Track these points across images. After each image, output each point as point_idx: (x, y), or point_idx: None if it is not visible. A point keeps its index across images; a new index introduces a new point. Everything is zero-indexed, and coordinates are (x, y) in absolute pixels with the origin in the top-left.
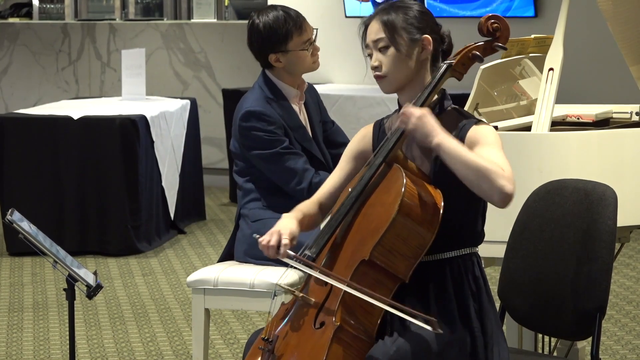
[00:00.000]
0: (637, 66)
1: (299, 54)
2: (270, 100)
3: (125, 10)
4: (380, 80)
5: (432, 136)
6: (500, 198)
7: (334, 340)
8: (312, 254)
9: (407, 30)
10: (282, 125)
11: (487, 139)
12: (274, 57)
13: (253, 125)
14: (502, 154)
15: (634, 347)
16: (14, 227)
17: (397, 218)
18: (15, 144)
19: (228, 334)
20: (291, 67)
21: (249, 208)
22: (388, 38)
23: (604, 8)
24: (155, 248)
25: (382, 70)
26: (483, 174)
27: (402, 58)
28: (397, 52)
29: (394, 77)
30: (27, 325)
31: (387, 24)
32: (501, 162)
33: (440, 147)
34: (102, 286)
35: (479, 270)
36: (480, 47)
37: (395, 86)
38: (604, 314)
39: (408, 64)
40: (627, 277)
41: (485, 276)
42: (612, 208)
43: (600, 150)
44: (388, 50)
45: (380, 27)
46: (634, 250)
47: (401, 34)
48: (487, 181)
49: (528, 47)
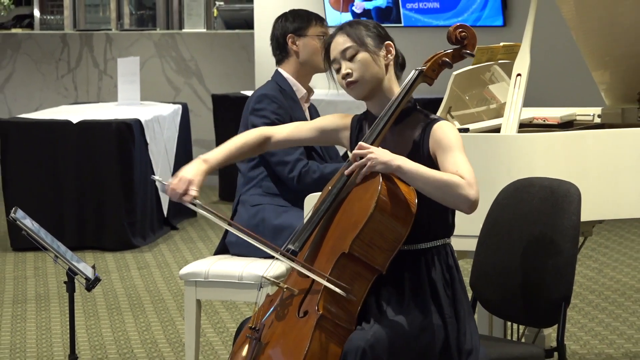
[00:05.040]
0: (599, 72)
1: (314, 43)
2: (283, 92)
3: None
4: (353, 87)
5: (391, 164)
6: (467, 206)
7: (317, 328)
8: (295, 247)
9: (371, 37)
10: (289, 114)
11: (449, 143)
12: (292, 38)
13: (265, 107)
14: (464, 156)
15: (597, 334)
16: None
17: (375, 214)
18: (18, 146)
19: (218, 323)
20: (304, 55)
21: (249, 194)
22: (357, 44)
23: (568, 18)
24: (150, 243)
25: (353, 76)
26: (446, 189)
27: (370, 60)
28: (366, 54)
29: (364, 80)
30: (30, 316)
31: (351, 34)
32: (462, 168)
33: (401, 170)
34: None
35: (452, 260)
36: (449, 54)
37: (367, 89)
38: (569, 302)
39: (377, 65)
40: (590, 268)
41: (458, 265)
42: (576, 204)
43: (565, 151)
44: (357, 56)
45: (346, 38)
46: (596, 244)
47: (365, 40)
48: (451, 194)
49: (497, 54)
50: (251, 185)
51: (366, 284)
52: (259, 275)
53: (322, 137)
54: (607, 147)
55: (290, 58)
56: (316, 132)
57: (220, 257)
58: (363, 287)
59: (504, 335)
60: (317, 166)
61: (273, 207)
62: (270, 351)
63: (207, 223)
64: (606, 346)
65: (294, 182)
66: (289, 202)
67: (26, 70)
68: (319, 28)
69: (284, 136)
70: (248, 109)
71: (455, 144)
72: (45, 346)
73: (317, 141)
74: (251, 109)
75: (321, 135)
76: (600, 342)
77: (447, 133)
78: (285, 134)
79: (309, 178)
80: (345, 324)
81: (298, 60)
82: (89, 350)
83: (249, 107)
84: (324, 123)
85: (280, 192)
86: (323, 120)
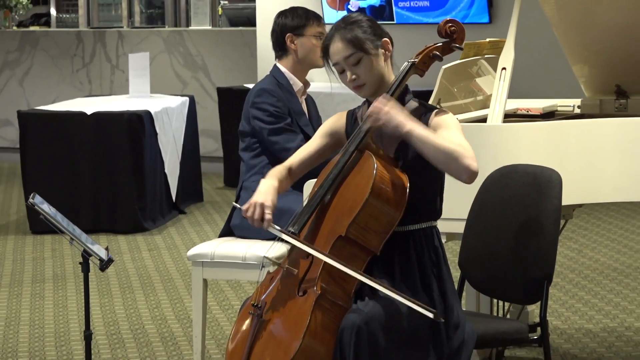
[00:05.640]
0: (579, 65)
1: (312, 42)
2: (280, 86)
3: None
4: (360, 89)
5: (402, 126)
6: (468, 175)
7: (316, 306)
8: (295, 230)
9: (369, 38)
10: (287, 107)
11: (448, 124)
12: (290, 37)
13: (264, 100)
14: (463, 136)
15: (577, 310)
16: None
17: (370, 199)
18: (36, 136)
19: (223, 301)
20: (302, 53)
21: (251, 181)
22: (358, 50)
23: (550, 15)
24: (159, 226)
25: (360, 80)
26: (451, 155)
27: (374, 62)
28: (369, 58)
29: (371, 82)
30: (48, 295)
31: (351, 40)
32: (464, 143)
33: (410, 134)
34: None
35: (438, 241)
36: (440, 47)
37: (374, 88)
38: (551, 281)
39: (380, 65)
40: (570, 249)
41: (443, 247)
42: (557, 189)
43: (547, 139)
44: (361, 62)
45: (345, 45)
46: (576, 226)
47: (366, 43)
48: (455, 162)
49: (484, 49)
50: (253, 172)
51: (361, 265)
52: (261, 256)
53: (330, 141)
54: (586, 136)
55: (289, 55)
56: (324, 139)
57: (225, 239)
58: (358, 267)
59: (491, 312)
60: None
61: None
62: (272, 327)
63: (214, 207)
64: (585, 321)
65: None
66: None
67: (43, 65)
68: (317, 28)
69: (300, 159)
70: (248, 103)
71: (455, 126)
72: (62, 322)
73: (329, 147)
74: (251, 102)
75: (329, 139)
76: (580, 318)
77: (446, 119)
78: (300, 158)
79: None
80: (342, 302)
81: (296, 57)
82: (102, 326)
83: (249, 100)
84: (325, 128)
85: None
86: (324, 126)
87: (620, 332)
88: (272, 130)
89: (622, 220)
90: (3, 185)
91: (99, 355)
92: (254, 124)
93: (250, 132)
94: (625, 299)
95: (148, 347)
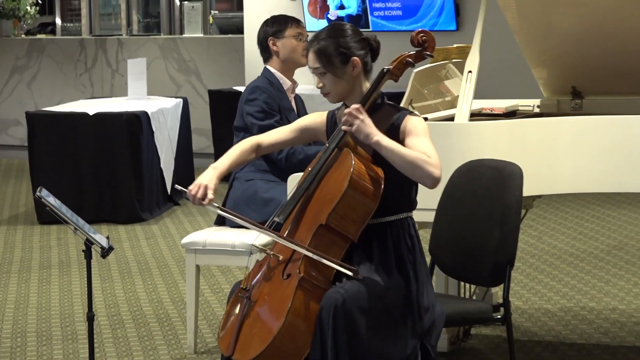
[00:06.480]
0: (538, 69)
1: (292, 42)
2: (272, 84)
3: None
4: (326, 96)
5: (372, 136)
6: (431, 182)
7: (298, 288)
8: (280, 220)
9: (339, 55)
10: (277, 103)
11: (418, 130)
12: (272, 41)
13: (257, 97)
14: (430, 142)
15: (536, 292)
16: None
17: (348, 191)
18: (43, 135)
19: (214, 285)
20: (284, 53)
21: (243, 171)
22: (323, 66)
23: (511, 23)
24: (156, 217)
25: (325, 90)
26: (416, 164)
27: (338, 79)
28: (333, 74)
29: (335, 93)
30: (54, 280)
31: (320, 54)
32: (429, 151)
33: (379, 144)
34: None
35: (414, 231)
36: (412, 56)
37: (338, 98)
38: (513, 265)
39: (345, 81)
40: (531, 236)
41: (418, 235)
42: (519, 182)
43: (509, 136)
44: (326, 75)
45: (314, 57)
46: (536, 215)
47: (333, 61)
48: (420, 170)
49: (451, 54)
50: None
51: (340, 251)
52: (249, 243)
53: (302, 136)
54: (544, 133)
55: (274, 57)
56: (297, 132)
57: (217, 228)
58: (338, 253)
59: (458, 294)
60: (301, 148)
61: (263, 182)
62: (259, 308)
63: None
64: (544, 302)
65: (282, 162)
66: (278, 178)
67: (50, 70)
68: (295, 29)
69: (271, 141)
70: (243, 100)
71: (423, 132)
72: (67, 305)
73: (299, 139)
74: (245, 99)
75: (302, 134)
76: (539, 299)
77: (416, 124)
78: (272, 139)
79: (294, 159)
80: (322, 285)
81: (279, 58)
82: (104, 308)
83: (244, 98)
84: (302, 123)
85: (270, 169)
86: (302, 121)
87: (576, 312)
88: (262, 126)
89: (578, 209)
90: (13, 180)
91: (101, 335)
92: (246, 119)
93: (244, 127)
94: (580, 282)
95: (145, 327)
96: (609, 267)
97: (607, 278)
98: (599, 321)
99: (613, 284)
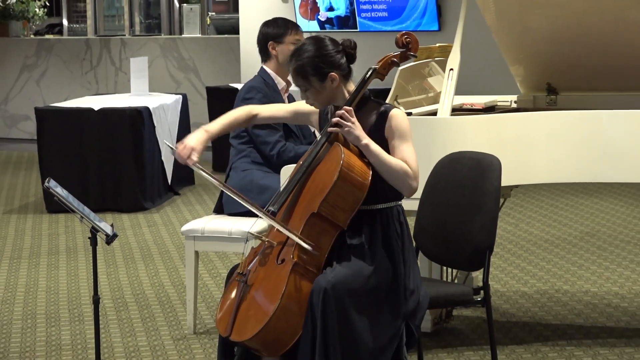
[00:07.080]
0: (515, 66)
1: (290, 48)
2: (267, 84)
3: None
4: (312, 105)
5: (361, 139)
6: (408, 192)
7: (292, 273)
8: (274, 209)
9: (316, 71)
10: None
11: (402, 131)
12: (272, 45)
13: (253, 96)
14: (412, 146)
15: (514, 275)
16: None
17: (338, 182)
18: (51, 129)
19: (212, 270)
20: (282, 58)
21: (239, 162)
22: (302, 85)
23: (490, 23)
24: (157, 206)
25: (310, 101)
26: (397, 175)
27: (317, 92)
28: (312, 90)
29: (320, 103)
30: (62, 265)
31: (299, 73)
32: (411, 160)
33: (367, 148)
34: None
35: (403, 217)
36: (397, 56)
37: (324, 105)
38: (492, 251)
39: (326, 92)
40: (509, 223)
41: (407, 222)
42: (497, 173)
43: (488, 130)
44: (309, 90)
45: (295, 75)
46: (514, 204)
47: (310, 79)
48: (400, 181)
49: (434, 53)
50: (241, 155)
51: (331, 238)
52: (245, 230)
53: (296, 118)
54: (521, 127)
55: (272, 59)
56: (292, 113)
57: (214, 216)
58: (328, 240)
59: (441, 278)
60: (292, 147)
61: (260, 172)
62: (255, 292)
63: (204, 189)
64: (522, 285)
65: (273, 158)
66: (271, 170)
67: (57, 68)
68: (295, 36)
69: (267, 114)
70: (239, 98)
71: (407, 134)
72: (74, 289)
73: (292, 120)
74: (242, 98)
75: (296, 116)
76: (517, 282)
77: (400, 123)
78: (268, 112)
79: (285, 156)
80: (314, 269)
81: (278, 62)
82: (109, 292)
83: (240, 96)
84: (299, 107)
85: (264, 162)
86: (298, 105)
87: (551, 294)
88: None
89: (553, 198)
90: (23, 171)
91: (106, 317)
92: None
93: None
94: (555, 266)
95: (148, 309)
96: (581, 252)
97: (580, 262)
98: (572, 303)
99: (586, 268)
